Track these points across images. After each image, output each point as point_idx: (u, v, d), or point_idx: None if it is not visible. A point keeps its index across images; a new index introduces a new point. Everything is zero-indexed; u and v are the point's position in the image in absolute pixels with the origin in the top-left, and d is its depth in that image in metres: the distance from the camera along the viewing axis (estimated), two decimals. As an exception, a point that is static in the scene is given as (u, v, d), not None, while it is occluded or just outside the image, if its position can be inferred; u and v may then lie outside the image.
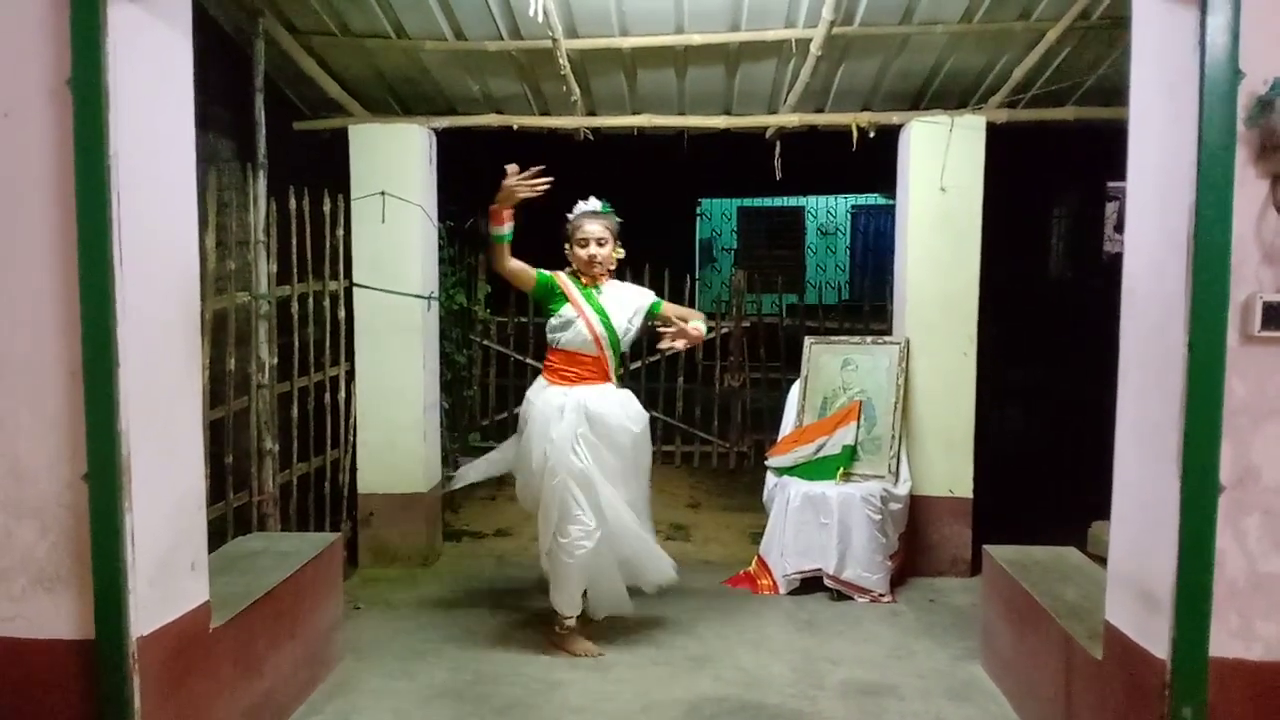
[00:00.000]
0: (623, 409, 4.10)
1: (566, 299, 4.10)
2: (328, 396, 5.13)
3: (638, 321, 4.23)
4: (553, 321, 4.12)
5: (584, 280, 4.16)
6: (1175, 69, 2.38)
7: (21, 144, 2.43)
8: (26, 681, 2.56)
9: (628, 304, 4.19)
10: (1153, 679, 2.44)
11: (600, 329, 4.08)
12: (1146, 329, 2.55)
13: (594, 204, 4.22)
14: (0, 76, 2.43)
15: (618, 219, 4.24)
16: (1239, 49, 2.27)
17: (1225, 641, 2.39)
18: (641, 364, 7.41)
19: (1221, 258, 2.29)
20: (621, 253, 4.23)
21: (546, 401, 4.05)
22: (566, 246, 4.22)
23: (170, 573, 2.69)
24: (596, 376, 4.11)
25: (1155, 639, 2.45)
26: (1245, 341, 2.33)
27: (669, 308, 4.30)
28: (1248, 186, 2.31)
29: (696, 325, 4.13)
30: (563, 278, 4.16)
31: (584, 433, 3.98)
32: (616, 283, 4.28)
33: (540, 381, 4.18)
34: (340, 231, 5.14)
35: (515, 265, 4.07)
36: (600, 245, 4.12)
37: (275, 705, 3.37)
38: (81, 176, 2.40)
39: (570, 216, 4.22)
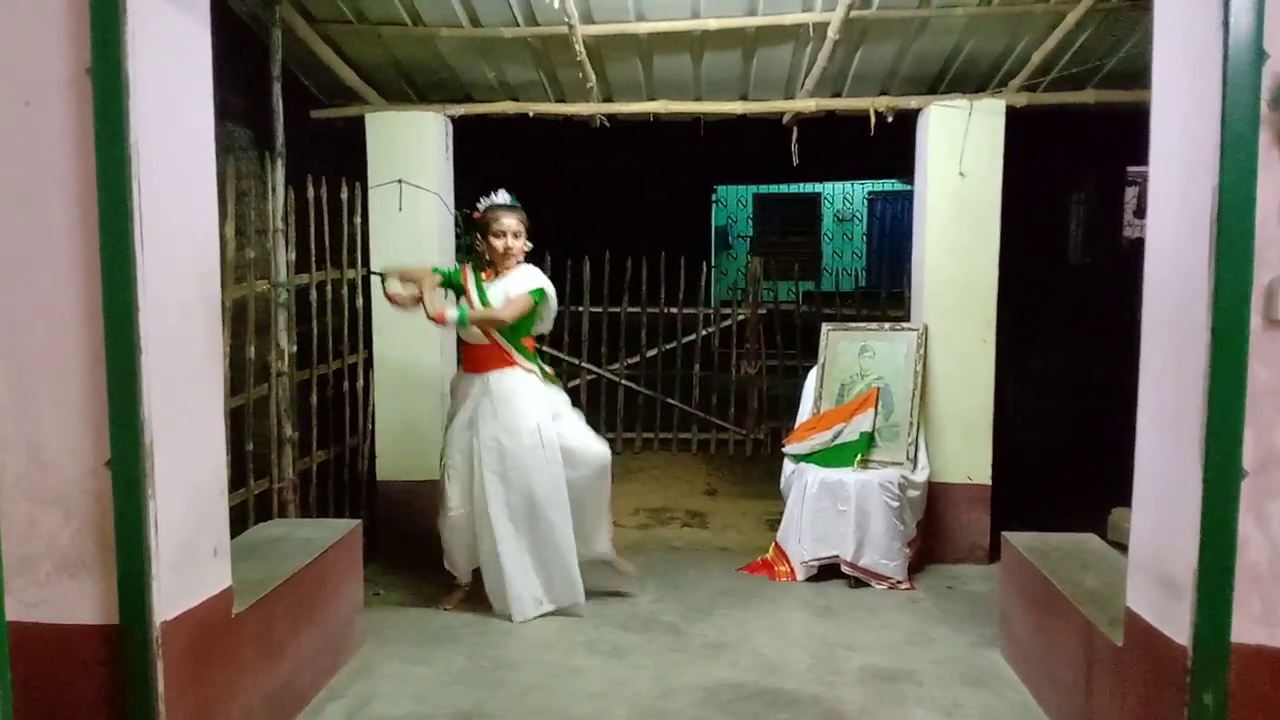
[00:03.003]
0: (514, 401, 4.25)
1: (464, 292, 4.35)
2: (346, 384, 5.15)
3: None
4: None
5: (486, 274, 4.36)
6: (1198, 51, 2.36)
7: (42, 133, 2.45)
8: (52, 666, 2.58)
9: (511, 291, 4.29)
10: (1174, 665, 2.43)
11: None
12: (1168, 313, 2.53)
13: (505, 197, 4.38)
14: (20, 66, 2.44)
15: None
16: (1263, 30, 2.23)
17: (1247, 628, 2.37)
18: (657, 351, 7.43)
19: (1245, 241, 2.27)
20: (529, 245, 4.37)
21: (461, 390, 4.41)
22: (477, 237, 4.40)
23: (193, 559, 2.71)
24: (498, 362, 4.29)
25: (1176, 625, 2.44)
26: (1269, 325, 2.31)
27: (515, 297, 4.25)
28: (1272, 169, 2.28)
29: (443, 310, 4.18)
30: (466, 272, 4.40)
31: (482, 425, 4.25)
32: (524, 270, 4.37)
33: (458, 371, 4.55)
34: (358, 219, 5.15)
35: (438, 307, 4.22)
36: (516, 237, 4.30)
37: (296, 690, 3.40)
38: (102, 165, 2.41)
39: (481, 208, 4.39)
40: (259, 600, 3.07)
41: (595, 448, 4.37)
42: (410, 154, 5.14)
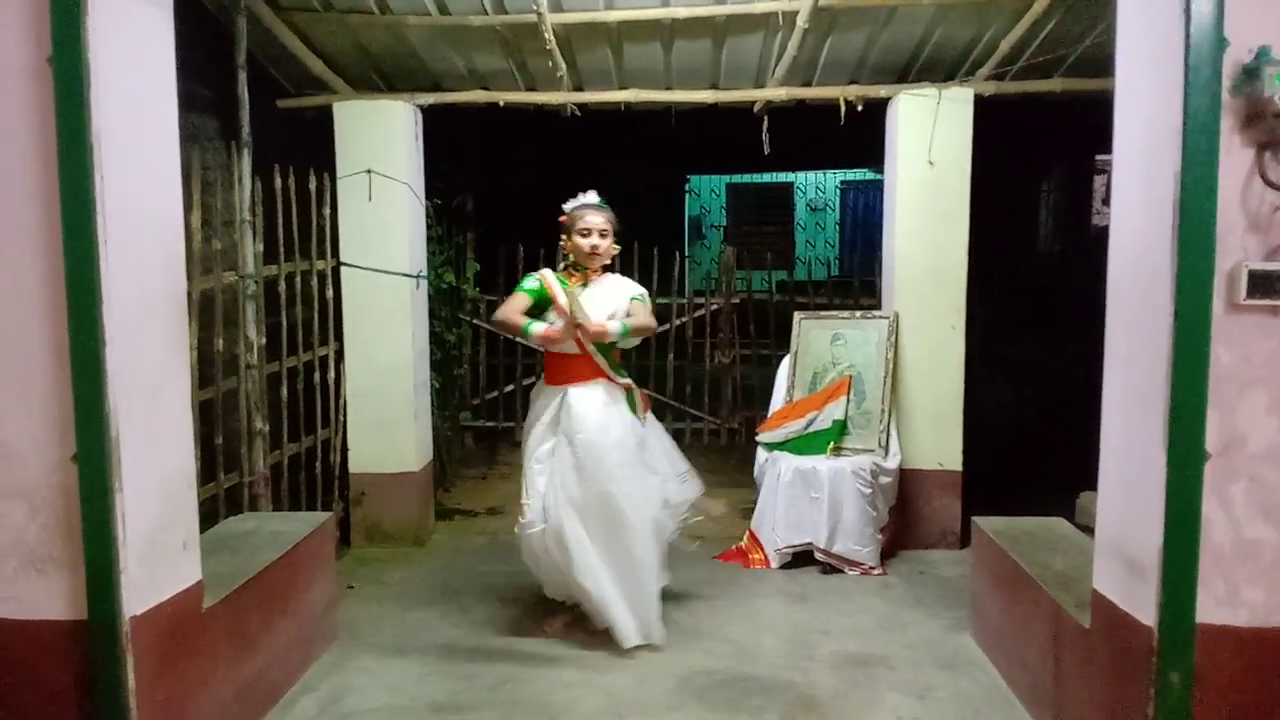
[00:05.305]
0: (602, 410, 3.95)
1: (553, 302, 4.00)
2: (317, 376, 5.11)
3: (619, 317, 4.04)
4: None
5: (574, 277, 4.09)
6: (1161, 38, 2.38)
7: (2, 123, 2.41)
8: (20, 663, 2.56)
9: (609, 301, 4.06)
10: (1140, 646, 2.47)
11: None
12: (1133, 298, 2.56)
13: (594, 197, 4.14)
14: (-21, 55, 2.41)
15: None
16: (1224, 17, 2.26)
17: (1211, 608, 2.41)
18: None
19: (1207, 226, 2.30)
20: (617, 248, 4.15)
21: (542, 402, 4.08)
22: (564, 237, 4.12)
23: (162, 552, 2.69)
24: (586, 375, 4.00)
25: (1142, 606, 2.47)
26: (1231, 310, 2.34)
27: (636, 306, 4.07)
28: (1233, 155, 2.31)
29: (604, 324, 3.93)
30: (549, 280, 4.05)
31: (566, 429, 3.93)
32: (612, 277, 4.18)
33: (539, 382, 4.19)
34: (327, 210, 5.10)
35: (517, 322, 3.97)
36: (602, 237, 4.05)
37: (269, 684, 3.38)
38: (64, 156, 2.38)
39: (568, 208, 4.12)
40: (230, 594, 3.05)
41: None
42: (379, 144, 5.10)
